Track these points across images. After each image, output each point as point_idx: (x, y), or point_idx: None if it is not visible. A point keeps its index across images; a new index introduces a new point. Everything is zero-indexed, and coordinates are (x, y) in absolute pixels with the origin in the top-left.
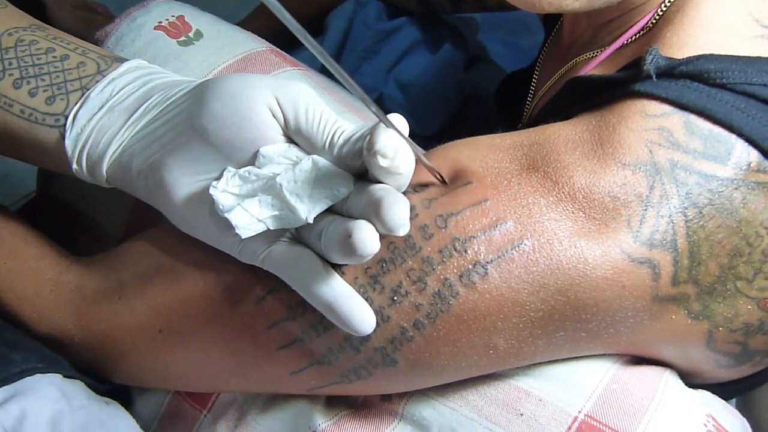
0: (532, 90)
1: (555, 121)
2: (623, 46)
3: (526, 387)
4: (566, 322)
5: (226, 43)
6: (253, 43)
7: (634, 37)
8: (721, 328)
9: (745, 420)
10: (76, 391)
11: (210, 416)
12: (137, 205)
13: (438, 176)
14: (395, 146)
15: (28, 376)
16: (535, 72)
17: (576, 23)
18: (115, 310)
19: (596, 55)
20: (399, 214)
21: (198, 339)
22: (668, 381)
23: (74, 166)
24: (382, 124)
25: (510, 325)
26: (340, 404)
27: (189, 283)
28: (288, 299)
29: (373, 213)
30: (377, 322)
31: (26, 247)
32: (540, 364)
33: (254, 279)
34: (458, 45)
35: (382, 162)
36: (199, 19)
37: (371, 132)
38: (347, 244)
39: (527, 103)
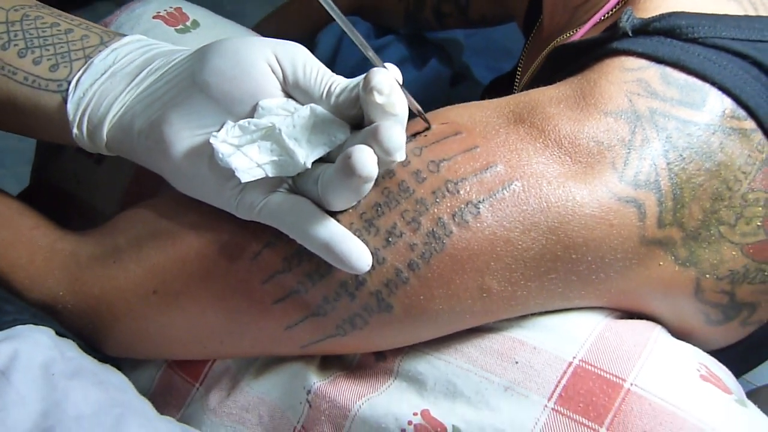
0: (517, 81)
1: None
2: (600, 21)
3: (520, 337)
4: (557, 262)
5: (221, 32)
6: (247, 35)
7: (609, 13)
8: (708, 276)
9: (733, 376)
10: (68, 345)
11: (202, 389)
12: (132, 186)
13: (426, 120)
14: (390, 83)
15: (21, 325)
16: (518, 69)
17: (554, 10)
18: (109, 274)
19: (574, 34)
20: (396, 135)
21: (193, 298)
22: (660, 332)
23: (75, 130)
24: (378, 67)
25: (503, 266)
26: (335, 365)
27: (185, 243)
28: (284, 251)
29: (372, 137)
30: (372, 265)
31: (21, 218)
32: (533, 316)
33: (250, 235)
34: (444, 62)
35: (378, 98)
36: (196, 11)
37: (368, 73)
38: (347, 165)
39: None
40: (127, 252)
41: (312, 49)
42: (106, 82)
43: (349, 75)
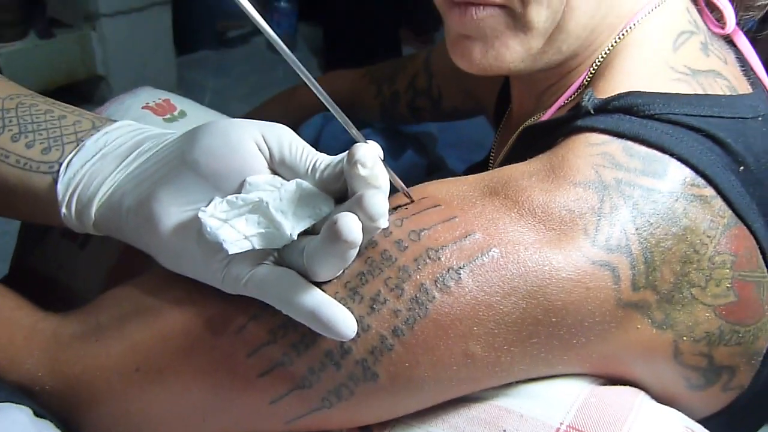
0: (491, 164)
1: None
2: (563, 105)
3: (506, 405)
4: (538, 326)
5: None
6: None
7: (571, 97)
8: (685, 338)
9: None
10: (46, 426)
11: None
12: (114, 270)
13: (407, 194)
14: (373, 157)
15: None
16: (491, 154)
17: (521, 97)
18: (90, 352)
19: (541, 116)
20: (380, 203)
21: (176, 374)
22: (645, 398)
23: (63, 210)
24: (361, 142)
25: (485, 331)
26: None
27: (168, 319)
28: (269, 323)
29: (356, 205)
30: (357, 333)
31: (2, 300)
32: (518, 383)
33: (235, 309)
34: (419, 152)
35: (362, 171)
36: (182, 102)
37: (352, 148)
38: (333, 231)
39: None
40: (109, 330)
41: None
42: (96, 163)
43: None
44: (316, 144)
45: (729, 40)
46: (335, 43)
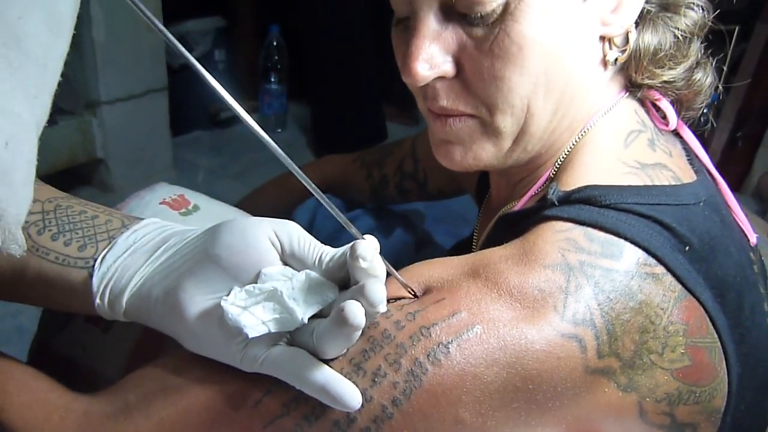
0: (474, 243)
1: None
2: (535, 194)
3: None
4: (518, 393)
5: (217, 213)
6: (238, 213)
7: (541, 187)
8: (648, 399)
9: None
10: None
11: None
12: (136, 352)
13: (408, 289)
14: (372, 252)
15: None
16: (475, 233)
17: (499, 186)
18: (119, 430)
19: (516, 204)
20: (380, 291)
21: None
22: None
23: (97, 300)
24: (360, 239)
25: (473, 399)
26: None
27: (191, 396)
28: (283, 397)
29: (359, 293)
30: (362, 404)
31: (36, 382)
32: None
33: (252, 385)
34: (408, 230)
35: (363, 264)
36: (196, 197)
37: (353, 244)
38: (341, 317)
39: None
40: (136, 408)
41: None
42: (127, 258)
43: (324, 244)
44: (311, 225)
45: (677, 134)
46: (322, 122)
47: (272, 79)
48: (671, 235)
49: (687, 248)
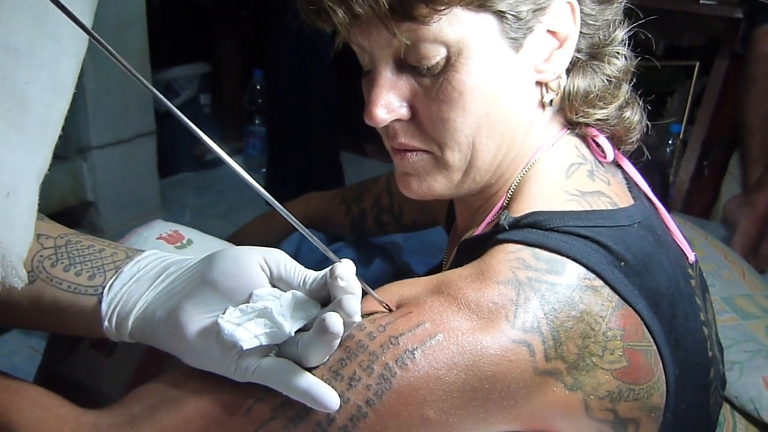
0: (444, 267)
1: None
2: (491, 221)
3: None
4: (476, 392)
5: (210, 246)
6: (228, 245)
7: (496, 215)
8: (592, 396)
9: None
10: None
11: None
12: (137, 372)
13: (382, 304)
14: (349, 272)
15: None
16: (444, 259)
17: (463, 215)
18: None
19: (475, 230)
20: (355, 304)
21: None
22: None
23: (106, 323)
24: (338, 262)
25: (436, 398)
26: None
27: (189, 406)
28: (272, 402)
29: (338, 306)
30: (340, 404)
31: (49, 399)
32: None
33: (244, 394)
34: (386, 261)
35: (341, 283)
36: (189, 232)
37: (333, 266)
38: (322, 326)
39: None
40: (141, 418)
41: None
42: (132, 285)
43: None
44: (296, 256)
45: (618, 165)
46: (277, 161)
47: (256, 121)
48: (607, 253)
49: (622, 264)
